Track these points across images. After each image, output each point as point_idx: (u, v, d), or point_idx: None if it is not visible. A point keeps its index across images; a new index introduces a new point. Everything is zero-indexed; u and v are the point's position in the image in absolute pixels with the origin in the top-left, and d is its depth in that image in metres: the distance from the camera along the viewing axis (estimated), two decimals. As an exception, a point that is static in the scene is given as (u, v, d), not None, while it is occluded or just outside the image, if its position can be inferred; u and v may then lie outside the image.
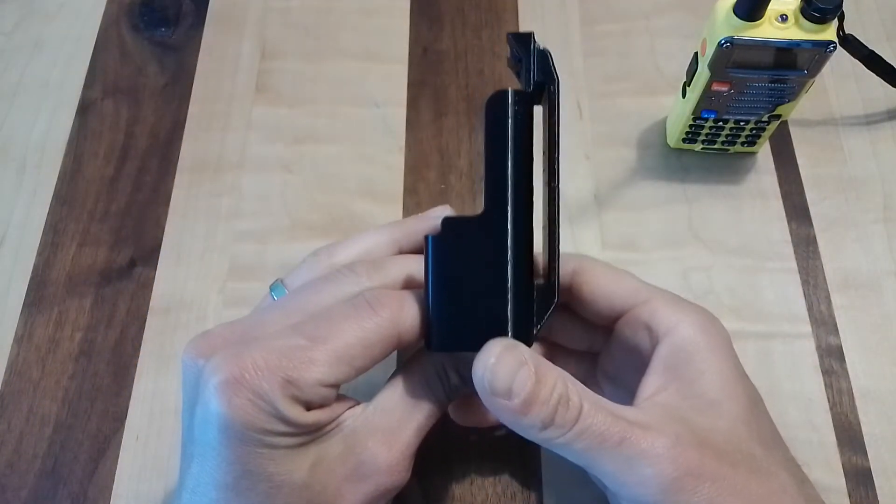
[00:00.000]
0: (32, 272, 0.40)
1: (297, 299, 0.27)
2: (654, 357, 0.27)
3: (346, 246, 0.30)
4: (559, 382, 0.24)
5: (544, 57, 0.27)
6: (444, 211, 0.31)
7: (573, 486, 0.35)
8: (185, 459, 0.26)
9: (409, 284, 0.28)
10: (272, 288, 0.30)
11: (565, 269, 0.29)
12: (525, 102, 0.26)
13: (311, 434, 0.25)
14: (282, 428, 0.24)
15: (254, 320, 0.27)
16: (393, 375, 0.28)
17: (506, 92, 0.26)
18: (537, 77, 0.26)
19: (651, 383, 0.27)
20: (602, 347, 0.31)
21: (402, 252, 0.30)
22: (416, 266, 0.29)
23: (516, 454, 0.36)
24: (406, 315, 0.26)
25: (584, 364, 0.32)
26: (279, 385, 0.23)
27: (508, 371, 0.24)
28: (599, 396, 0.25)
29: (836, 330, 0.38)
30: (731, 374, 0.26)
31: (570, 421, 0.24)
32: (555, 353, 0.33)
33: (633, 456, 0.23)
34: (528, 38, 0.27)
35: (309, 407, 0.25)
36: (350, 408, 0.27)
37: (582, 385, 0.25)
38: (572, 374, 0.31)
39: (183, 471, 0.25)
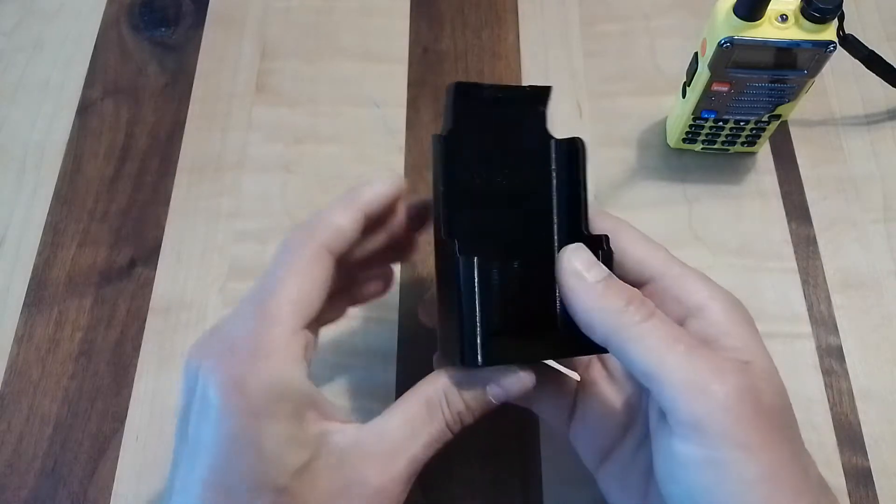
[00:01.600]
0: (32, 272, 0.40)
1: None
2: (686, 329, 0.27)
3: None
4: (630, 287, 0.26)
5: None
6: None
7: (573, 486, 0.35)
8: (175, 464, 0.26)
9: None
10: None
11: (600, 225, 0.29)
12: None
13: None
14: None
15: None
16: (395, 403, 0.28)
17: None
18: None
19: None
20: None
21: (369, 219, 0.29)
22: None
23: (516, 454, 0.36)
24: (330, 217, 0.27)
25: None
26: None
27: (587, 259, 0.26)
28: None
29: (836, 330, 0.38)
30: (767, 354, 0.26)
31: (646, 314, 0.25)
32: None
33: (701, 367, 0.23)
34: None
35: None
36: (343, 423, 0.26)
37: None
38: None
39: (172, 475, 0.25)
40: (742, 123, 0.39)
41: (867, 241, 0.40)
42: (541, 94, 0.29)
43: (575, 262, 0.26)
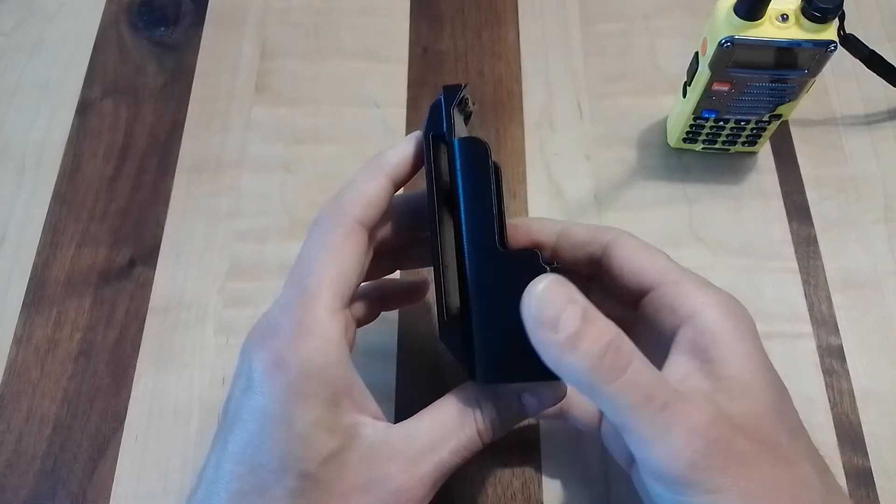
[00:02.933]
0: (32, 272, 0.40)
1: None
2: (679, 338, 0.27)
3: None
4: (608, 329, 0.23)
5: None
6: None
7: (573, 486, 0.35)
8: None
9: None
10: None
11: (600, 239, 0.29)
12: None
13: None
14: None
15: None
16: (428, 406, 0.27)
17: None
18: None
19: (677, 366, 0.26)
20: (630, 323, 0.30)
21: (396, 185, 0.28)
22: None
23: (516, 454, 0.35)
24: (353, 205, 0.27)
25: None
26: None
27: (557, 302, 0.22)
28: (646, 358, 0.23)
29: (837, 330, 0.38)
30: (760, 359, 0.26)
31: (620, 369, 0.22)
32: None
33: (672, 424, 0.23)
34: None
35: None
36: (375, 418, 0.26)
37: (632, 342, 0.23)
38: None
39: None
40: (743, 123, 0.39)
41: (868, 241, 0.40)
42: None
43: (546, 312, 0.22)
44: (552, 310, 0.22)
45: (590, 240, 0.29)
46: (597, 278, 0.30)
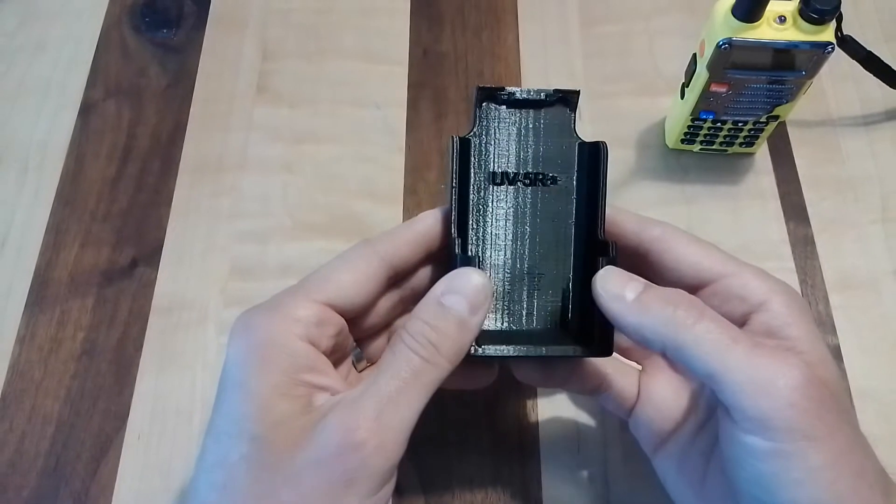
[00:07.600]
0: (35, 272, 0.40)
1: None
2: (752, 324, 0.27)
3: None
4: (674, 290, 0.26)
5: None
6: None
7: (573, 486, 0.35)
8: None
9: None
10: None
11: (648, 233, 0.30)
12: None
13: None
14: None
15: None
16: (379, 364, 0.27)
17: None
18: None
19: None
20: None
21: (394, 270, 0.29)
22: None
23: (516, 454, 0.36)
24: (391, 237, 0.29)
25: None
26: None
27: (621, 277, 0.27)
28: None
29: (834, 330, 0.38)
30: (823, 342, 0.27)
31: (696, 316, 0.25)
32: None
33: (766, 365, 0.24)
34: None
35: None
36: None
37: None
38: None
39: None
40: (740, 124, 0.39)
41: (865, 242, 0.41)
42: (569, 98, 0.30)
43: (609, 287, 0.27)
44: (617, 284, 0.27)
45: (638, 230, 0.30)
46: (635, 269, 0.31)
